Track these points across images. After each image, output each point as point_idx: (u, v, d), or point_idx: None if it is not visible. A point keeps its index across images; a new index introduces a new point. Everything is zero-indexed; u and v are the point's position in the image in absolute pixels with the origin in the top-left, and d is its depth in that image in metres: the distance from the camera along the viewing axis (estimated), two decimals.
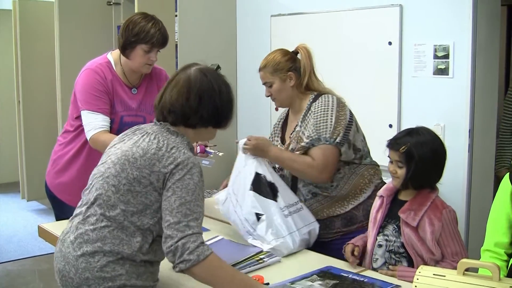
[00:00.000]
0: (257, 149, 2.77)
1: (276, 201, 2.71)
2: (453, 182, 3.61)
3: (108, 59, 3.09)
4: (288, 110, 3.02)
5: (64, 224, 2.97)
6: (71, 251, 2.03)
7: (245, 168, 2.77)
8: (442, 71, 3.62)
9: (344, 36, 4.20)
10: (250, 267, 2.43)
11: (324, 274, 2.36)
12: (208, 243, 2.09)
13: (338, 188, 2.78)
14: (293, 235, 2.65)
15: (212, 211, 2.97)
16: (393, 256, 2.43)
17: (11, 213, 6.81)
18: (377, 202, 2.57)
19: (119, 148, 2.12)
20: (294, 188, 2.88)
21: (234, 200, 2.75)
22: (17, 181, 7.05)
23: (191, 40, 4.78)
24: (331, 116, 2.73)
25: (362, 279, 2.30)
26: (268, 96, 2.91)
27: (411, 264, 2.39)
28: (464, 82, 3.52)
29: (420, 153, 2.39)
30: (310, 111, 2.79)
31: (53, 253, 2.17)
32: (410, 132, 2.48)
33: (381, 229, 2.49)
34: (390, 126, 3.87)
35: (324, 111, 2.75)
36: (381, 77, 3.96)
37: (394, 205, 2.51)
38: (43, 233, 2.96)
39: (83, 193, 2.16)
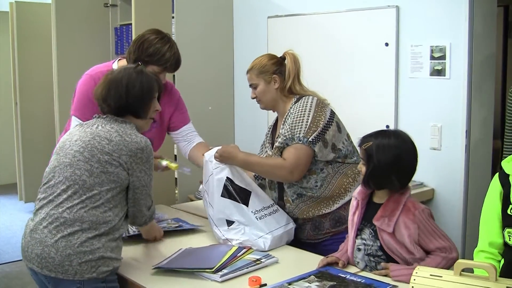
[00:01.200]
0: (224, 156, 2.84)
1: (247, 205, 2.78)
2: (450, 183, 3.63)
3: (112, 68, 3.03)
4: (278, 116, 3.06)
5: None
6: (47, 235, 2.22)
7: (216, 172, 2.83)
8: (438, 72, 3.63)
9: (340, 37, 4.20)
10: (247, 268, 2.43)
11: (322, 274, 2.36)
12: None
13: (322, 188, 2.80)
14: (263, 237, 2.70)
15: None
16: (372, 259, 2.43)
17: (9, 214, 6.80)
18: (353, 203, 2.57)
19: (78, 140, 2.36)
20: (280, 189, 2.93)
21: (207, 199, 2.84)
22: (14, 183, 7.05)
23: (188, 41, 4.78)
24: (308, 116, 2.77)
25: (359, 279, 2.30)
26: (253, 98, 2.98)
27: None
28: (461, 83, 3.53)
29: (379, 156, 2.38)
30: (289, 113, 2.84)
31: None
32: (379, 133, 2.47)
33: (358, 231, 2.50)
34: (387, 127, 3.87)
35: (301, 112, 2.79)
36: (378, 78, 3.96)
37: (369, 208, 2.51)
38: None
39: (42, 187, 2.36)
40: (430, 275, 1.95)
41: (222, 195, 2.78)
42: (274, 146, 2.84)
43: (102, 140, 2.33)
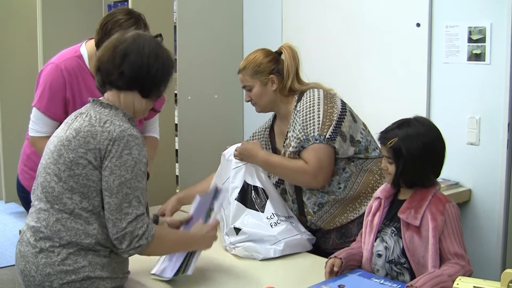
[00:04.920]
0: (244, 155, 2.87)
1: (263, 211, 2.80)
2: (489, 183, 3.61)
3: (80, 53, 3.06)
4: (274, 116, 3.05)
5: None
6: (30, 249, 2.17)
7: (235, 172, 2.89)
8: (477, 57, 3.60)
9: (365, 16, 4.18)
10: None
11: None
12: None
13: (346, 189, 2.80)
14: (276, 244, 2.72)
15: None
16: (394, 268, 2.42)
17: None
18: (373, 204, 2.56)
19: (55, 136, 2.27)
20: (300, 202, 2.92)
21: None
22: None
23: (191, 20, 4.76)
24: (318, 111, 2.76)
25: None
26: (248, 101, 2.98)
27: (412, 276, 2.37)
28: (503, 69, 3.50)
29: (409, 148, 2.37)
30: (296, 111, 2.83)
31: None
32: (400, 124, 2.46)
33: (378, 233, 2.49)
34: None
35: (309, 108, 2.79)
36: (408, 63, 3.94)
37: (393, 206, 2.50)
38: None
39: (32, 190, 2.31)
40: (474, 286, 1.93)
41: (237, 199, 2.82)
42: (289, 152, 2.82)
43: (71, 133, 2.18)
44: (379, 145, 2.54)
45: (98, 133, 2.13)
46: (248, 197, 2.82)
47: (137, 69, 2.24)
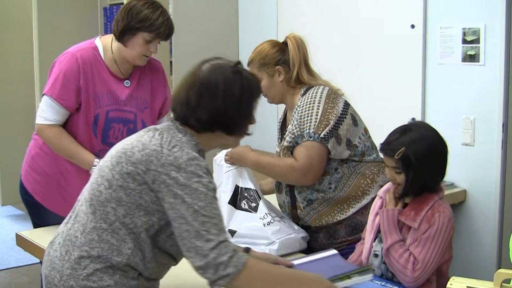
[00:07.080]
0: (234, 158, 2.90)
1: (256, 212, 2.82)
2: (484, 184, 3.61)
3: (95, 45, 3.06)
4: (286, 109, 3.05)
5: (45, 231, 2.95)
6: (58, 255, 2.03)
7: (226, 176, 2.91)
8: (471, 58, 3.60)
9: (360, 18, 4.19)
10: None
11: None
12: None
13: (337, 190, 2.79)
14: (272, 243, 2.71)
15: None
16: (389, 268, 2.41)
17: None
18: (376, 203, 2.55)
19: (121, 142, 2.10)
20: (292, 195, 2.92)
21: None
22: None
23: (187, 25, 4.77)
24: (317, 109, 2.74)
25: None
26: None
27: None
28: (497, 70, 3.51)
29: (417, 154, 2.35)
30: (297, 106, 2.83)
31: (32, 264, 2.18)
32: (402, 131, 2.43)
33: (378, 233, 2.48)
34: (413, 119, 3.84)
35: (309, 104, 2.77)
36: (403, 64, 3.95)
37: None
38: (22, 242, 2.95)
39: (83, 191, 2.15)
40: (467, 286, 1.93)
41: (229, 203, 2.83)
42: (283, 146, 2.83)
43: (138, 145, 2.01)
44: (383, 156, 2.50)
45: (163, 156, 1.96)
46: (240, 199, 2.84)
47: (214, 112, 2.07)
